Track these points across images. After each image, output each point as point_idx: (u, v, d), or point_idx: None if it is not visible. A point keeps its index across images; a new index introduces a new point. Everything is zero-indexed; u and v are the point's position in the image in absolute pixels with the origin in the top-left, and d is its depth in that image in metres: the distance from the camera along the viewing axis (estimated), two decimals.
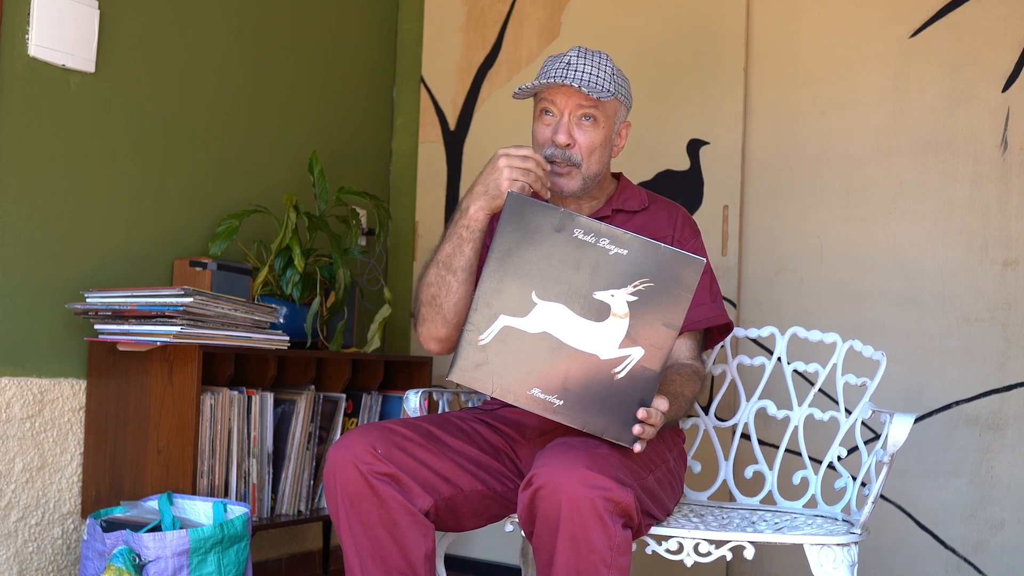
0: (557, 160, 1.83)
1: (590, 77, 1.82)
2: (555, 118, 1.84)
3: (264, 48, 2.80)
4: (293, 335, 2.51)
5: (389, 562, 1.62)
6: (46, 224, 2.25)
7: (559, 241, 1.55)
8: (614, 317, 1.55)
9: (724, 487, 2.38)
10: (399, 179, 3.28)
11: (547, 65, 1.88)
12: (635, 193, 2.00)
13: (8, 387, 2.17)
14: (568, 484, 1.48)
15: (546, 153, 1.83)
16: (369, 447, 1.62)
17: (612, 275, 1.55)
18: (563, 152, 1.83)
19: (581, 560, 1.50)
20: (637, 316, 1.54)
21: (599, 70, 1.84)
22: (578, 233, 1.55)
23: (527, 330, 1.57)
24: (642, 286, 1.54)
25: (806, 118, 2.61)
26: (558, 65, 1.85)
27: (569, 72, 1.82)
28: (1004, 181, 2.36)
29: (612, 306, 1.55)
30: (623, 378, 1.56)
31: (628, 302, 1.54)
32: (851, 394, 2.09)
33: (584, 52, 1.86)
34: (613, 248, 1.54)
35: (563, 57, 1.86)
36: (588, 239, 1.55)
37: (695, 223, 2.02)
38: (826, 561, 1.70)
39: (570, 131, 1.82)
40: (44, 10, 2.21)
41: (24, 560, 2.20)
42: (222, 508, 2.06)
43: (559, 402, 1.57)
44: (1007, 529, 2.32)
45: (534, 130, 1.89)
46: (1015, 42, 2.36)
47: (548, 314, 1.56)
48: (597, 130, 1.84)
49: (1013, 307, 2.34)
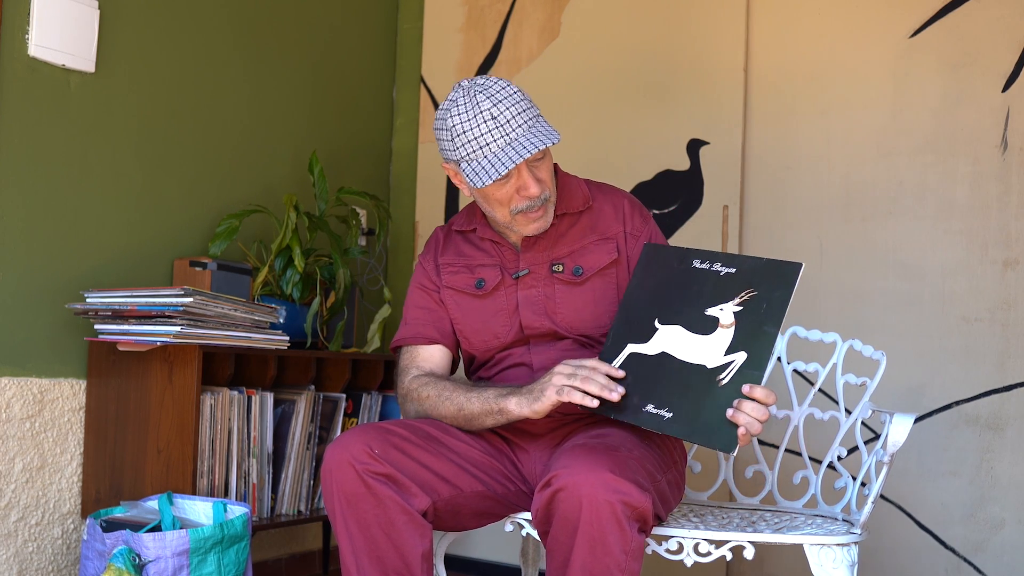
0: (535, 208, 1.76)
1: (531, 124, 1.70)
2: (511, 176, 1.72)
3: (264, 48, 2.80)
4: (293, 335, 2.51)
5: (386, 562, 1.62)
6: (46, 224, 2.25)
7: (680, 273, 1.72)
8: (721, 328, 1.64)
9: (724, 487, 2.38)
10: (399, 179, 3.28)
11: (472, 131, 1.68)
12: (575, 189, 1.89)
13: (8, 387, 2.17)
14: (589, 487, 1.48)
15: (519, 208, 1.75)
16: (366, 447, 1.62)
17: (723, 292, 1.66)
18: (539, 198, 1.75)
19: (597, 563, 1.50)
20: (742, 323, 1.62)
21: (526, 108, 1.70)
22: (696, 263, 1.72)
23: (648, 353, 1.68)
24: (747, 296, 1.63)
25: (806, 118, 2.61)
26: (487, 127, 1.67)
27: (511, 133, 1.68)
28: (1004, 181, 2.36)
29: (720, 318, 1.65)
30: (727, 384, 1.59)
31: (734, 312, 1.63)
32: (851, 394, 2.09)
33: (493, 96, 1.69)
34: (724, 269, 1.68)
35: (480, 114, 1.68)
36: (704, 266, 1.70)
37: (642, 207, 1.93)
38: (826, 561, 1.70)
39: (535, 176, 1.73)
40: (44, 10, 2.21)
41: (24, 560, 2.20)
42: (222, 508, 2.06)
43: (669, 415, 1.62)
44: (1007, 529, 2.32)
45: (490, 193, 1.74)
46: (1015, 42, 2.36)
47: (667, 336, 1.68)
48: (547, 160, 1.78)
49: (1013, 307, 2.34)
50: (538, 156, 1.74)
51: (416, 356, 1.90)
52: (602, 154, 2.86)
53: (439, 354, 1.90)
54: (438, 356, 1.90)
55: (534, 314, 1.83)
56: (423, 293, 1.92)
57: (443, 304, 1.90)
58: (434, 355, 1.89)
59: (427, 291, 1.92)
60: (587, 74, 2.91)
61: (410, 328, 1.91)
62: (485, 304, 1.87)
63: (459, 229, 1.94)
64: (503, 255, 1.88)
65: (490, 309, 1.86)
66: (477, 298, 1.87)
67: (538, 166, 1.75)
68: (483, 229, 1.90)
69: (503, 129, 1.68)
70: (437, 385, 1.80)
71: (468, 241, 1.92)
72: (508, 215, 1.78)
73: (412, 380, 1.85)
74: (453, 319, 1.90)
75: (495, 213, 1.80)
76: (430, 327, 1.90)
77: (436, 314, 1.90)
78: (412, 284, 1.95)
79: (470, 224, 1.92)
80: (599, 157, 2.85)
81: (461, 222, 1.95)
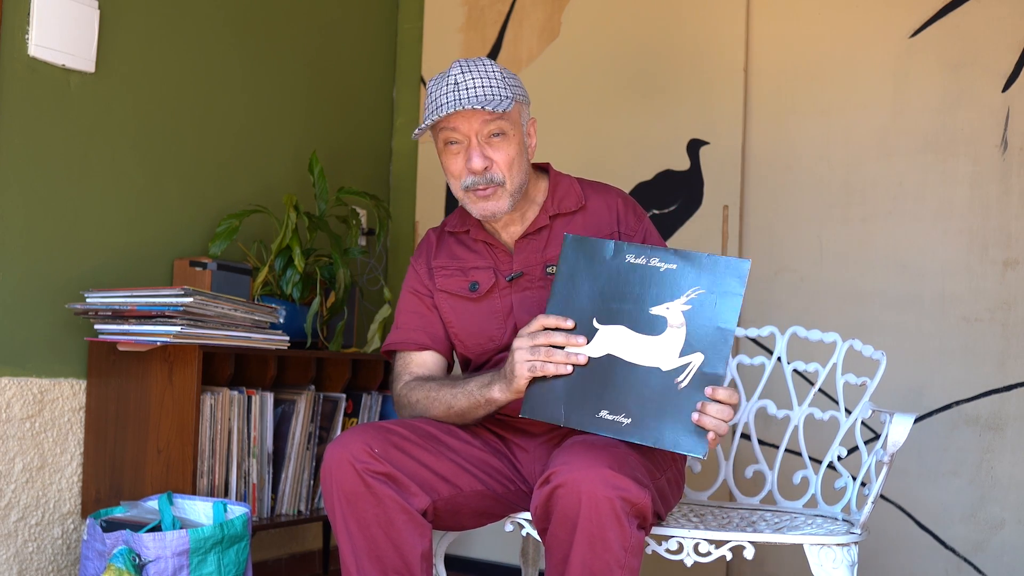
0: (480, 186, 1.74)
1: (484, 91, 1.71)
2: (462, 144, 1.74)
3: (264, 48, 2.80)
4: (293, 335, 2.51)
5: (385, 561, 1.62)
6: (46, 224, 2.25)
7: (614, 268, 1.63)
8: (671, 328, 1.59)
9: (724, 487, 2.38)
10: (399, 179, 3.28)
11: (432, 91, 1.76)
12: (569, 189, 1.88)
13: (8, 387, 2.17)
14: (588, 483, 1.48)
15: (465, 183, 1.75)
16: (366, 446, 1.62)
17: (666, 290, 1.60)
18: (484, 176, 1.74)
19: (596, 560, 1.50)
20: (693, 323, 1.58)
21: (489, 80, 1.73)
22: (630, 258, 1.63)
23: (592, 355, 1.61)
24: (694, 295, 1.59)
25: (806, 118, 2.61)
26: (445, 88, 1.73)
27: (461, 93, 1.71)
28: (1004, 181, 2.36)
29: (668, 318, 1.59)
30: (687, 386, 1.57)
31: (683, 311, 1.59)
32: (851, 394, 2.09)
33: (466, 65, 1.74)
34: (663, 264, 1.61)
35: (446, 77, 1.74)
36: (640, 261, 1.62)
37: (636, 205, 1.92)
38: (826, 561, 1.70)
39: (483, 152, 1.73)
40: (44, 10, 2.21)
41: (24, 560, 2.20)
42: (222, 508, 2.06)
43: (627, 420, 1.59)
44: (1007, 529, 2.32)
45: (444, 164, 1.78)
46: (1015, 42, 2.36)
47: (610, 337, 1.61)
48: (509, 143, 1.75)
49: (1013, 307, 2.34)
50: (494, 129, 1.73)
51: (409, 362, 1.89)
52: (602, 154, 2.86)
53: (431, 359, 1.89)
54: (431, 361, 1.89)
55: (529, 316, 1.82)
56: (415, 297, 1.91)
57: (435, 309, 1.90)
58: (426, 361, 1.89)
59: (419, 295, 1.91)
60: (587, 74, 2.91)
61: (401, 333, 1.90)
62: (479, 307, 1.86)
63: (452, 230, 1.93)
64: (496, 257, 1.87)
65: (484, 312, 1.86)
66: (471, 301, 1.87)
67: (493, 143, 1.74)
68: (476, 230, 1.89)
69: (456, 90, 1.71)
70: (424, 387, 1.80)
71: (461, 243, 1.91)
72: (460, 190, 1.78)
73: (403, 387, 1.85)
74: (447, 322, 1.89)
75: (452, 186, 1.80)
76: (421, 332, 1.89)
77: (427, 319, 1.89)
78: (404, 288, 1.94)
79: (463, 225, 1.91)
80: (599, 157, 2.85)
81: (454, 223, 1.93)
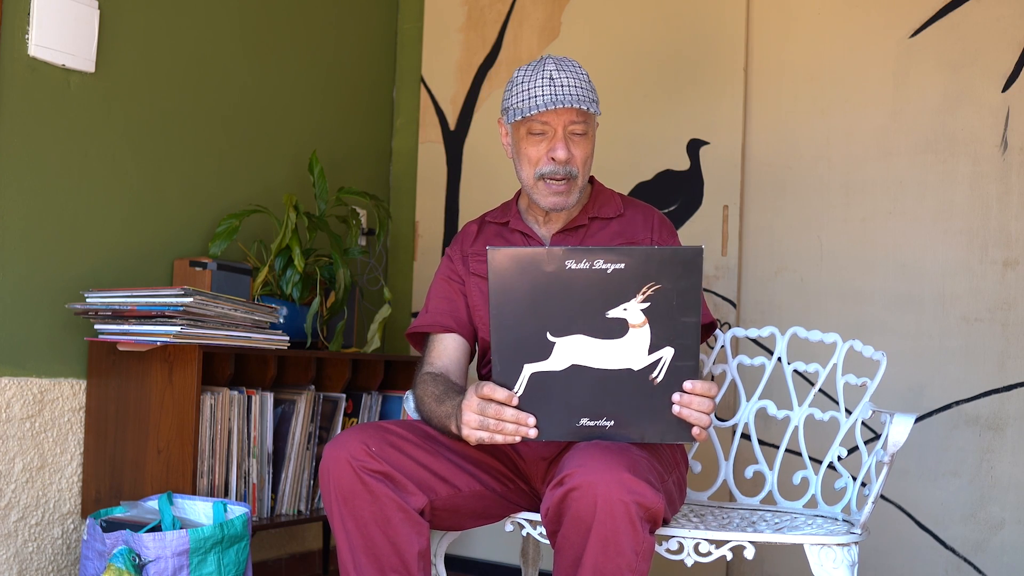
0: (557, 176, 1.82)
1: (578, 91, 1.80)
2: (547, 136, 1.82)
3: (264, 48, 2.80)
4: (293, 335, 2.51)
5: (383, 559, 1.62)
6: (46, 224, 2.25)
7: (554, 278, 1.56)
8: (633, 328, 1.56)
9: (724, 487, 2.38)
10: (399, 179, 3.28)
11: (523, 82, 1.83)
12: (609, 199, 1.98)
13: (8, 387, 2.17)
14: (604, 487, 1.48)
15: (543, 171, 1.82)
16: (363, 445, 1.63)
17: (619, 291, 1.55)
18: (564, 167, 1.82)
19: (609, 563, 1.50)
20: (656, 319, 1.56)
21: (581, 81, 1.82)
22: (570, 264, 1.55)
23: (555, 369, 1.57)
24: (650, 291, 1.55)
25: (806, 118, 2.61)
26: (540, 82, 1.81)
27: (557, 89, 1.79)
28: (1004, 181, 2.36)
29: (628, 319, 1.56)
30: (663, 380, 1.57)
31: (642, 310, 1.56)
32: (851, 394, 2.09)
33: (560, 62, 1.83)
34: (610, 266, 1.55)
35: (541, 71, 1.82)
36: (582, 266, 1.55)
37: (671, 224, 2.00)
38: (826, 561, 1.70)
39: (567, 146, 1.81)
40: (44, 10, 2.21)
41: (24, 560, 2.20)
42: (222, 508, 2.06)
43: (609, 424, 1.58)
44: (1007, 529, 2.32)
45: (522, 149, 1.84)
46: (1015, 42, 2.36)
47: (569, 348, 1.57)
48: (588, 142, 1.85)
49: (1013, 307, 2.34)
50: (579, 129, 1.81)
51: (431, 350, 1.94)
52: (602, 154, 2.83)
53: (452, 345, 1.93)
54: (451, 348, 1.93)
55: None
56: (445, 283, 1.98)
57: (463, 296, 1.95)
58: (448, 347, 1.93)
59: (450, 281, 1.97)
60: None
61: (429, 316, 1.96)
62: None
63: (492, 220, 2.01)
64: None
65: None
66: None
67: (576, 140, 1.83)
68: (515, 222, 1.96)
69: (552, 85, 1.79)
70: (426, 389, 1.82)
71: (499, 234, 1.98)
72: (532, 178, 1.84)
73: (419, 378, 1.88)
74: (474, 306, 1.94)
75: (523, 172, 1.86)
76: (448, 316, 1.94)
77: (455, 303, 1.95)
78: (436, 276, 2.02)
79: (504, 217, 1.99)
80: (599, 157, 2.82)
81: (495, 214, 2.02)
